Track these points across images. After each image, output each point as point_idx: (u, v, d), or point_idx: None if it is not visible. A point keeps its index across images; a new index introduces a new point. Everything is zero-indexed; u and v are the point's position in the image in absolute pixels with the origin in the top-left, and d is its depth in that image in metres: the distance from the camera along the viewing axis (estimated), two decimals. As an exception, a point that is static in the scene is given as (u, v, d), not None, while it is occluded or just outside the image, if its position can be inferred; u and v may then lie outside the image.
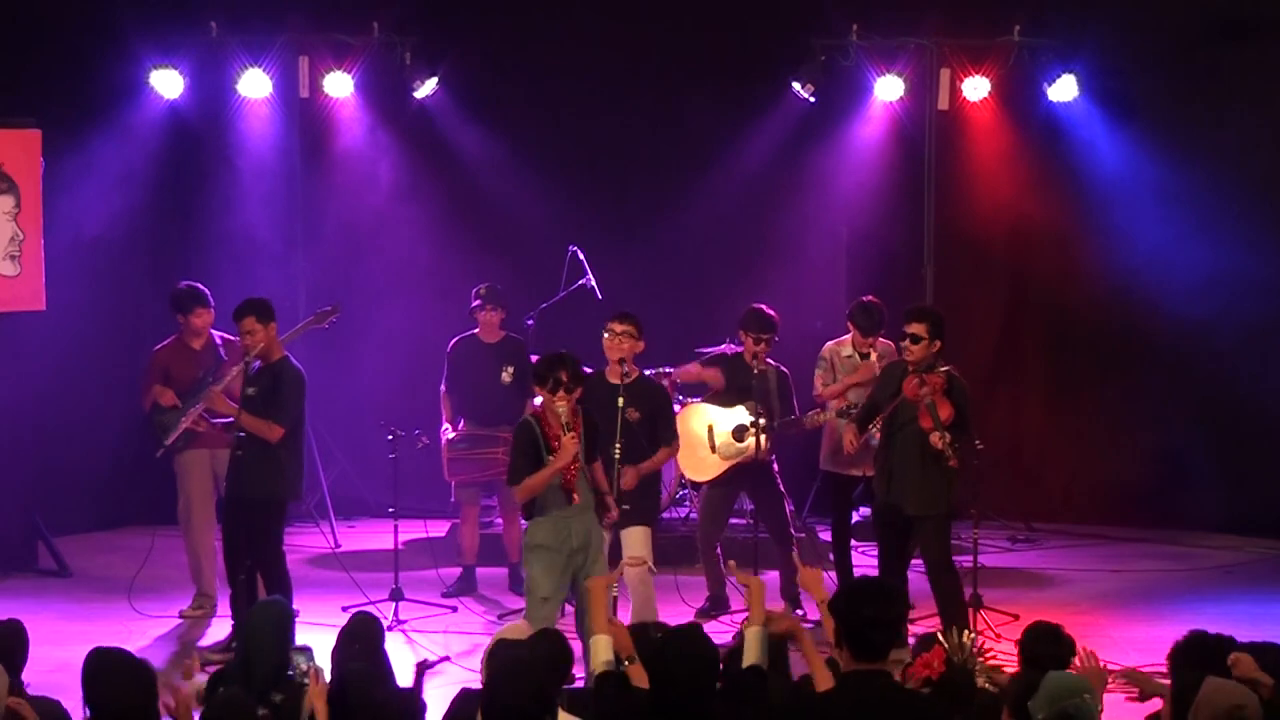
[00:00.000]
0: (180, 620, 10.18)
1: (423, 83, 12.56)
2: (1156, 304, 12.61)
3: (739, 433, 10.20)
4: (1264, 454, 12.43)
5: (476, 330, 10.97)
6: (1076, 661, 6.09)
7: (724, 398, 10.31)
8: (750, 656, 5.97)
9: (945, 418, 8.93)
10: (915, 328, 9.09)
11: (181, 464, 10.25)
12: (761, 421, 9.97)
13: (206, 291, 10.37)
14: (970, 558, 10.31)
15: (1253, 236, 12.41)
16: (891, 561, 9.30)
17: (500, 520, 11.34)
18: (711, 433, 10.35)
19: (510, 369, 10.87)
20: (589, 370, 8.69)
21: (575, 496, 8.11)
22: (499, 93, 13.14)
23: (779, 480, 10.26)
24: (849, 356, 10.60)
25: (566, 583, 8.20)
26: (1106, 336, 13.02)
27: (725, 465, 10.27)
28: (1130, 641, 9.41)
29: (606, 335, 9.16)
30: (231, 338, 10.20)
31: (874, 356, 10.49)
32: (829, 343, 10.76)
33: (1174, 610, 10.42)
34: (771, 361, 10.23)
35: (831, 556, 11.09)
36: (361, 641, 6.47)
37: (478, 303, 10.87)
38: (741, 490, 10.54)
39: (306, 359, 10.51)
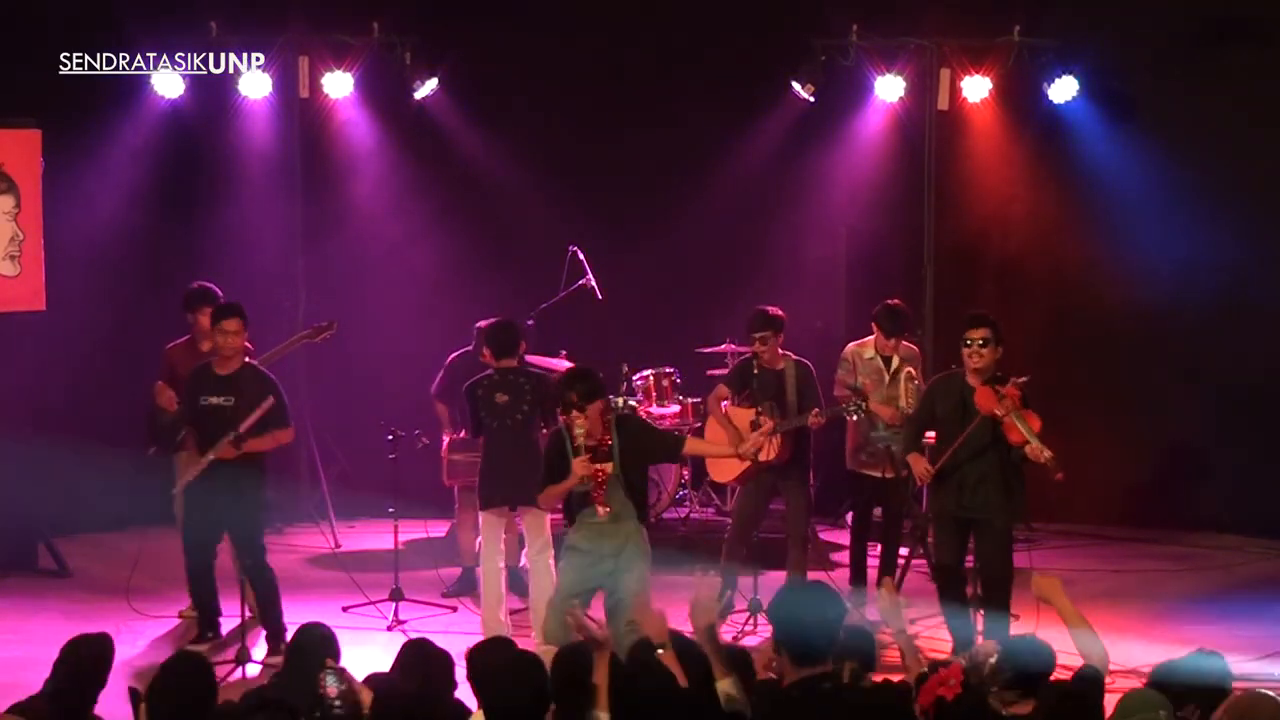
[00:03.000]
0: (179, 620, 10.18)
1: (423, 83, 12.56)
2: (1156, 303, 12.62)
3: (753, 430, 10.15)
4: (1265, 454, 12.42)
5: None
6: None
7: (744, 400, 10.27)
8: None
9: (1037, 428, 8.69)
10: (983, 333, 8.86)
11: (179, 466, 10.25)
12: (762, 420, 9.92)
13: (215, 292, 10.27)
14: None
15: (1256, 236, 12.41)
16: (953, 571, 9.10)
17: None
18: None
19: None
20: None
21: (600, 510, 8.11)
22: (499, 93, 13.15)
23: (809, 485, 10.22)
24: (870, 359, 10.57)
25: (592, 588, 8.24)
26: (1107, 336, 13.02)
27: (743, 466, 10.22)
28: (1130, 641, 9.39)
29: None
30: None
31: (896, 361, 10.45)
32: (851, 344, 10.72)
33: (1174, 610, 10.44)
34: (791, 355, 10.16)
35: (833, 556, 11.12)
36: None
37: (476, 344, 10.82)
38: (774, 492, 10.39)
39: (306, 357, 10.57)
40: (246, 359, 9.47)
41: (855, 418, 10.06)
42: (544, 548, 9.43)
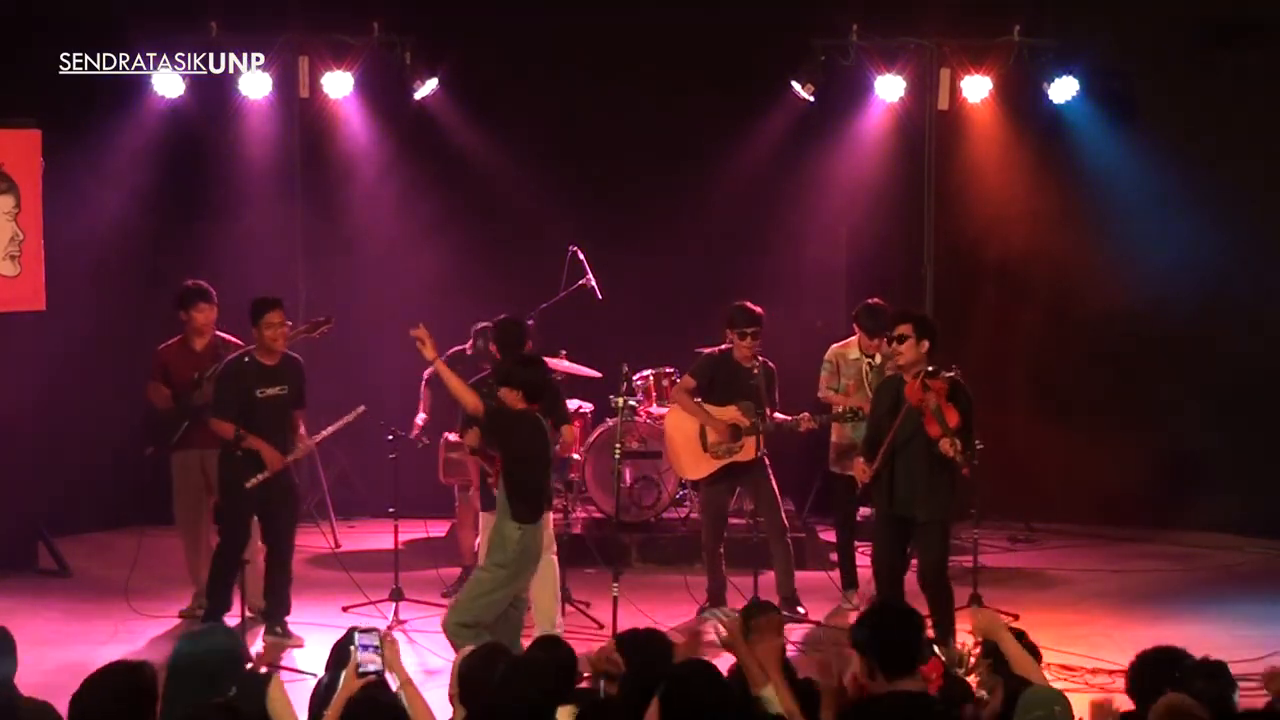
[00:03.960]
0: (179, 620, 10.18)
1: (423, 83, 12.56)
2: (1157, 303, 12.61)
3: (735, 434, 10.15)
4: (1265, 453, 12.42)
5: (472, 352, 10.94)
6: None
7: (715, 396, 10.24)
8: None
9: (953, 424, 8.72)
10: (901, 329, 9.01)
11: (176, 464, 10.29)
12: (759, 424, 9.93)
13: (210, 289, 10.35)
14: (970, 558, 10.33)
15: (1255, 236, 12.41)
16: (889, 570, 9.15)
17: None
18: (704, 432, 10.28)
19: None
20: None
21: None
22: (499, 93, 13.14)
23: (772, 476, 10.23)
24: (855, 359, 10.55)
25: None
26: (1106, 336, 13.01)
27: (717, 465, 10.23)
28: (1130, 641, 9.36)
29: None
30: (235, 339, 10.22)
31: (879, 359, 10.44)
32: (834, 345, 10.70)
33: (1174, 610, 10.43)
34: (760, 357, 10.18)
35: (833, 556, 11.11)
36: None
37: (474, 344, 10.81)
38: (738, 486, 10.47)
39: (305, 356, 10.50)
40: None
41: (848, 425, 10.21)
42: (545, 546, 9.41)
